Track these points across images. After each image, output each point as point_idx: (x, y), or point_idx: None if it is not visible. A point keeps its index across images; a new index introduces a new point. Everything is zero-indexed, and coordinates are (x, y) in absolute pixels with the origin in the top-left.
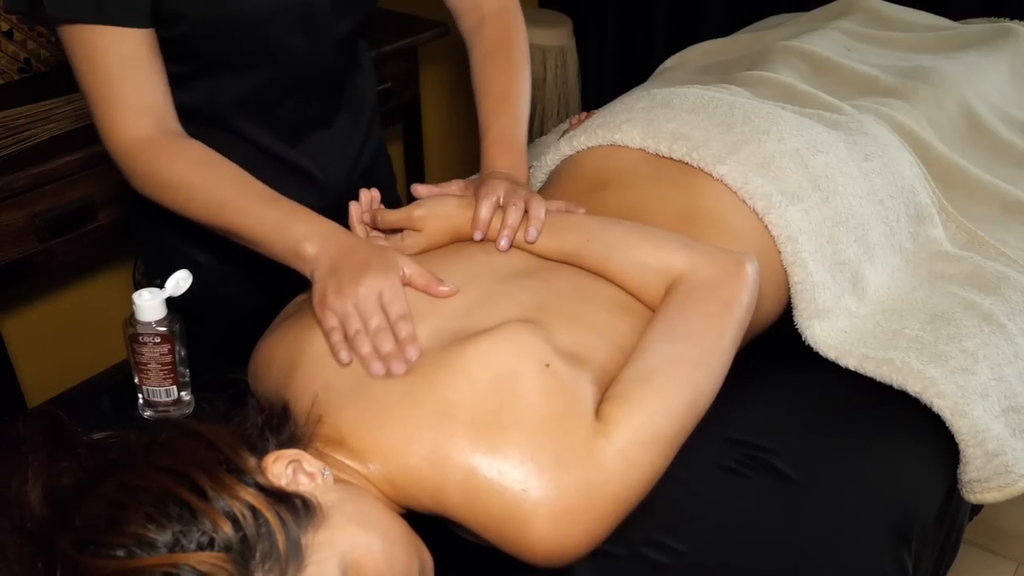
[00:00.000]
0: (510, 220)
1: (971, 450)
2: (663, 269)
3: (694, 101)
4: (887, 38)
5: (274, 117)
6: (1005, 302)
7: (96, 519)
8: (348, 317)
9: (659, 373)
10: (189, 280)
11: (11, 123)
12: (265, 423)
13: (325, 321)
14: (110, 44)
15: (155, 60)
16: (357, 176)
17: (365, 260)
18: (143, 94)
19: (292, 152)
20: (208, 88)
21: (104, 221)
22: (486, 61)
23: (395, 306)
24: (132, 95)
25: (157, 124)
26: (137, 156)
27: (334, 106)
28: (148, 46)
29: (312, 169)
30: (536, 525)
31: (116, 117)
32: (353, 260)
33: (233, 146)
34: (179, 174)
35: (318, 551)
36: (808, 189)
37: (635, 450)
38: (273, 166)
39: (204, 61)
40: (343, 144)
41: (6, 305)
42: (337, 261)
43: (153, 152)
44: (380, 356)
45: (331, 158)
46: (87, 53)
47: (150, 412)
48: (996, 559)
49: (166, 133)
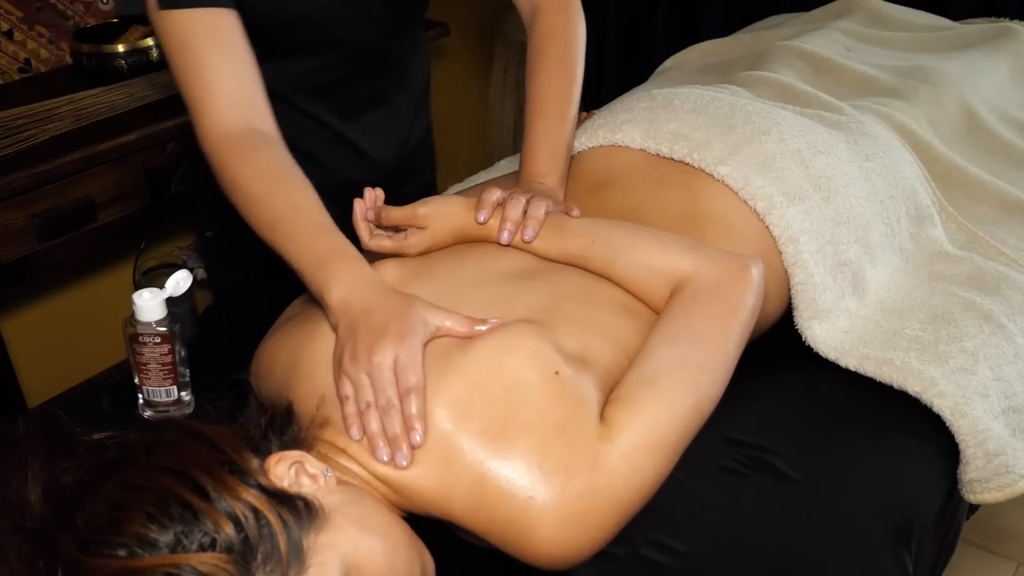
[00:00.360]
0: (510, 213)
1: (971, 450)
2: (668, 272)
3: (695, 101)
4: (887, 38)
5: (331, 96)
6: (1005, 302)
7: (98, 519)
8: (361, 388)
9: (663, 377)
10: (189, 280)
11: (11, 123)
12: (268, 424)
13: (340, 388)
14: (204, 29)
15: (246, 48)
16: (404, 155)
17: (383, 324)
18: (234, 83)
19: (346, 128)
20: (271, 69)
21: (104, 221)
22: (534, 59)
23: (408, 376)
24: (224, 83)
25: (245, 118)
26: (217, 151)
27: (388, 88)
28: (239, 32)
29: (363, 145)
30: (541, 529)
31: (207, 107)
32: (371, 323)
33: (292, 118)
34: (247, 182)
35: (320, 553)
36: (809, 190)
37: (639, 454)
38: (328, 139)
39: (269, 47)
40: (394, 124)
41: (6, 305)
42: (356, 322)
43: (232, 152)
44: (387, 437)
45: (382, 136)
46: (183, 41)
47: (150, 412)
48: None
49: (249, 132)
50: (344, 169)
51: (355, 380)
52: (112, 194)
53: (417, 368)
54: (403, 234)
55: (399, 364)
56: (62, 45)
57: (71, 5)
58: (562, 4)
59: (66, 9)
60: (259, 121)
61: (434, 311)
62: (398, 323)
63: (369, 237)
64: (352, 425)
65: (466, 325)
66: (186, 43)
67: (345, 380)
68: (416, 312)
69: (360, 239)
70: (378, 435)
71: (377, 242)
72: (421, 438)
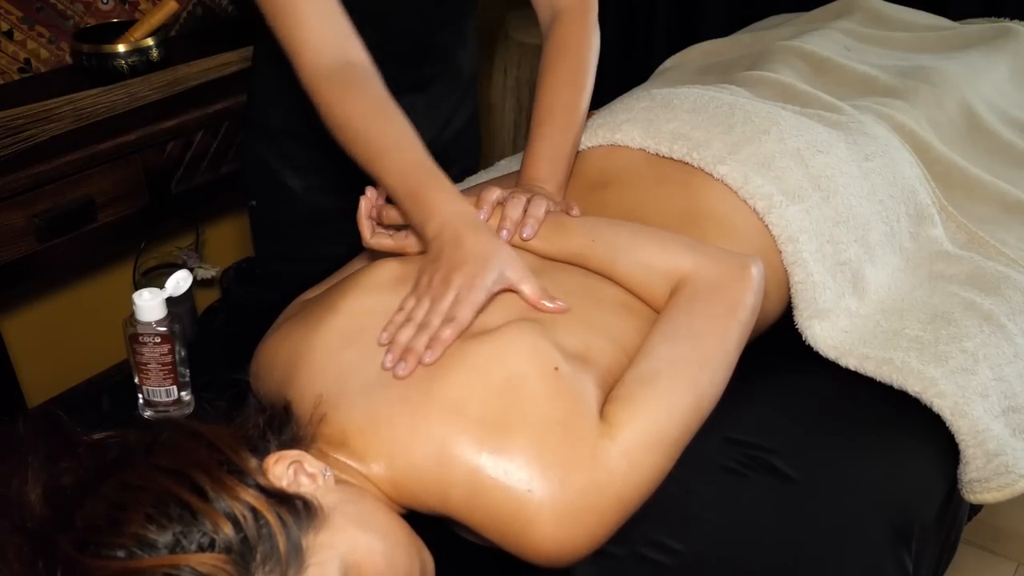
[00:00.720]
0: (510, 212)
1: (971, 450)
2: (668, 271)
3: (694, 101)
4: (887, 38)
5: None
6: (1005, 302)
7: (97, 519)
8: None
9: (663, 375)
10: (189, 280)
11: (11, 123)
12: (267, 424)
13: (403, 303)
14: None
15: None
16: (442, 142)
17: (463, 258)
18: (325, 18)
19: None
20: None
21: (104, 221)
22: (547, 66)
23: (459, 308)
24: (315, 20)
25: (341, 52)
26: (318, 89)
27: (431, 75)
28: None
29: None
30: (540, 525)
31: (302, 42)
32: (454, 255)
33: None
34: (345, 122)
35: (319, 552)
36: (808, 189)
37: (639, 452)
38: None
39: None
40: (434, 109)
41: (6, 305)
42: (442, 251)
43: (332, 90)
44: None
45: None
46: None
47: (150, 412)
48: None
49: (346, 67)
50: None
51: (419, 299)
52: (112, 194)
53: (472, 307)
54: (404, 232)
55: (458, 296)
56: (62, 45)
57: (71, 5)
58: (581, 15)
59: (66, 9)
60: (355, 53)
61: (515, 265)
62: (476, 261)
63: (371, 235)
64: (387, 330)
65: (536, 293)
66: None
67: (410, 297)
68: (498, 258)
69: (362, 237)
70: (399, 345)
71: (378, 240)
72: (431, 360)
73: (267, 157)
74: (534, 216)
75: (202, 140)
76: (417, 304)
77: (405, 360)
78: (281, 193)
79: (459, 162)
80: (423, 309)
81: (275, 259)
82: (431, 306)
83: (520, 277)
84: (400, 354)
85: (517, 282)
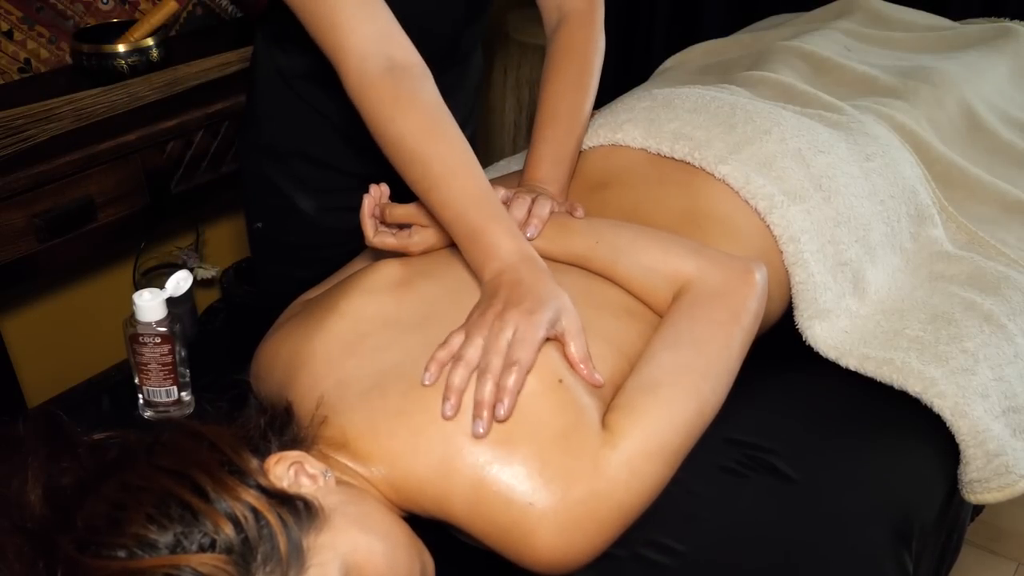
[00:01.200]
0: (514, 212)
1: (971, 450)
2: (671, 274)
3: (696, 101)
4: (887, 38)
5: None
6: (1005, 302)
7: (97, 519)
8: (470, 343)
9: (665, 383)
10: (189, 280)
11: (11, 123)
12: (267, 424)
13: (451, 337)
14: None
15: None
16: None
17: (521, 296)
18: (366, 17)
19: None
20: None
21: (104, 221)
22: (552, 69)
23: (519, 350)
24: (358, 20)
25: (386, 53)
26: (363, 98)
27: (453, 83)
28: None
29: None
30: (540, 535)
31: (345, 46)
32: (512, 293)
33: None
34: (398, 138)
35: (319, 553)
36: (810, 189)
37: (640, 461)
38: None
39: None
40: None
41: (6, 305)
42: (500, 288)
43: (382, 101)
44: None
45: None
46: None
47: (150, 412)
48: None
49: (393, 71)
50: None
51: (470, 335)
52: (112, 194)
53: (531, 347)
54: (407, 232)
55: (516, 336)
56: (62, 45)
57: (71, 5)
58: (588, 19)
59: (66, 9)
60: (399, 50)
61: (571, 316)
62: (534, 300)
63: (373, 234)
64: (431, 368)
65: (582, 354)
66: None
67: (461, 331)
68: (557, 302)
69: (364, 235)
70: (455, 390)
71: (381, 239)
72: (506, 413)
73: (276, 179)
74: (538, 216)
75: (202, 140)
76: (467, 341)
77: (480, 417)
78: (291, 215)
79: None
80: (475, 347)
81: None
82: (488, 345)
83: (573, 330)
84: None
85: (569, 334)
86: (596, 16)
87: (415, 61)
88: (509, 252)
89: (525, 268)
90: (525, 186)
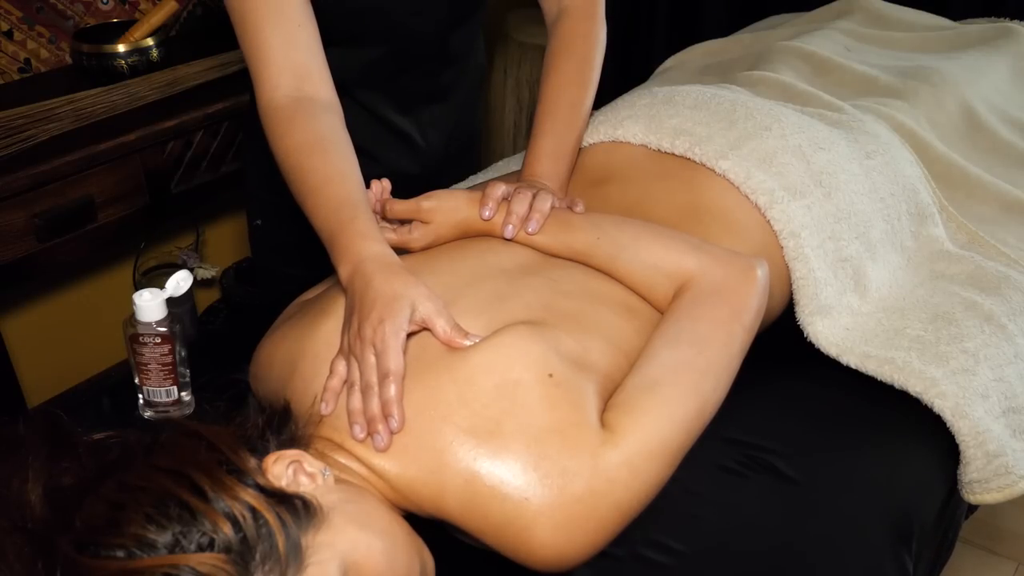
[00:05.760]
0: (516, 207)
1: (971, 451)
2: (672, 271)
3: (696, 98)
4: (887, 38)
5: (393, 87)
6: (1006, 302)
7: (96, 519)
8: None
9: (665, 382)
10: (189, 280)
11: (11, 123)
12: (266, 424)
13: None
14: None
15: (304, 17)
16: (455, 146)
17: (371, 303)
18: (286, 51)
19: (402, 120)
20: (333, 57)
21: (104, 221)
22: (552, 63)
23: (385, 360)
24: (276, 52)
25: (297, 86)
26: (266, 121)
27: (450, 83)
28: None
29: (416, 136)
30: (538, 532)
31: (261, 75)
32: (364, 302)
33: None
34: (284, 152)
35: (318, 552)
36: (810, 185)
37: (640, 460)
38: (381, 131)
39: (332, 35)
40: (450, 117)
41: (6, 305)
42: (355, 299)
43: (277, 122)
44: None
45: (436, 129)
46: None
47: (150, 412)
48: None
49: (300, 101)
50: (392, 160)
51: (347, 358)
52: (112, 194)
53: (394, 353)
54: (407, 227)
55: (377, 348)
56: (62, 45)
57: (71, 5)
58: (589, 13)
59: (66, 9)
60: (313, 88)
61: (426, 302)
62: (383, 305)
63: None
64: (328, 401)
65: (448, 332)
66: (245, 15)
67: (338, 359)
68: (407, 298)
69: None
70: (357, 412)
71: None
72: (398, 424)
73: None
74: (540, 211)
75: (202, 140)
76: (348, 367)
77: (376, 432)
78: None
79: (459, 163)
80: (355, 369)
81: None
82: (360, 366)
83: (432, 313)
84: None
85: (429, 319)
86: (596, 8)
87: (324, 96)
88: (357, 253)
89: (372, 267)
90: (525, 181)
